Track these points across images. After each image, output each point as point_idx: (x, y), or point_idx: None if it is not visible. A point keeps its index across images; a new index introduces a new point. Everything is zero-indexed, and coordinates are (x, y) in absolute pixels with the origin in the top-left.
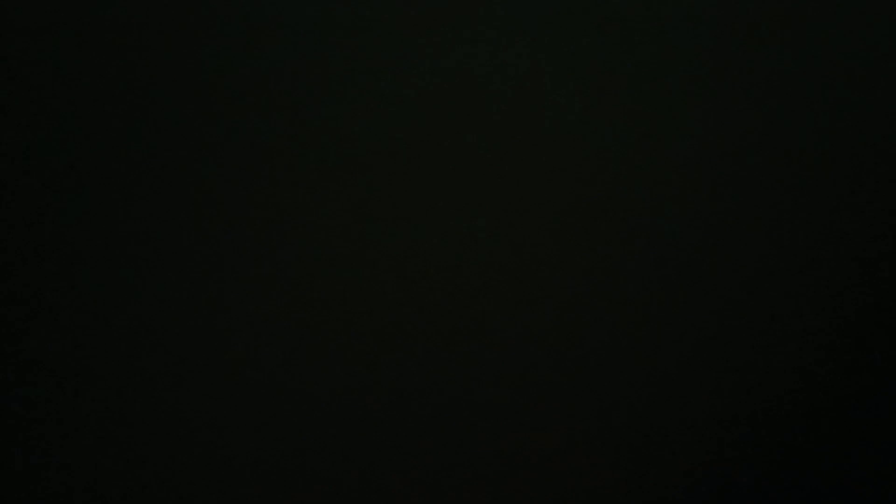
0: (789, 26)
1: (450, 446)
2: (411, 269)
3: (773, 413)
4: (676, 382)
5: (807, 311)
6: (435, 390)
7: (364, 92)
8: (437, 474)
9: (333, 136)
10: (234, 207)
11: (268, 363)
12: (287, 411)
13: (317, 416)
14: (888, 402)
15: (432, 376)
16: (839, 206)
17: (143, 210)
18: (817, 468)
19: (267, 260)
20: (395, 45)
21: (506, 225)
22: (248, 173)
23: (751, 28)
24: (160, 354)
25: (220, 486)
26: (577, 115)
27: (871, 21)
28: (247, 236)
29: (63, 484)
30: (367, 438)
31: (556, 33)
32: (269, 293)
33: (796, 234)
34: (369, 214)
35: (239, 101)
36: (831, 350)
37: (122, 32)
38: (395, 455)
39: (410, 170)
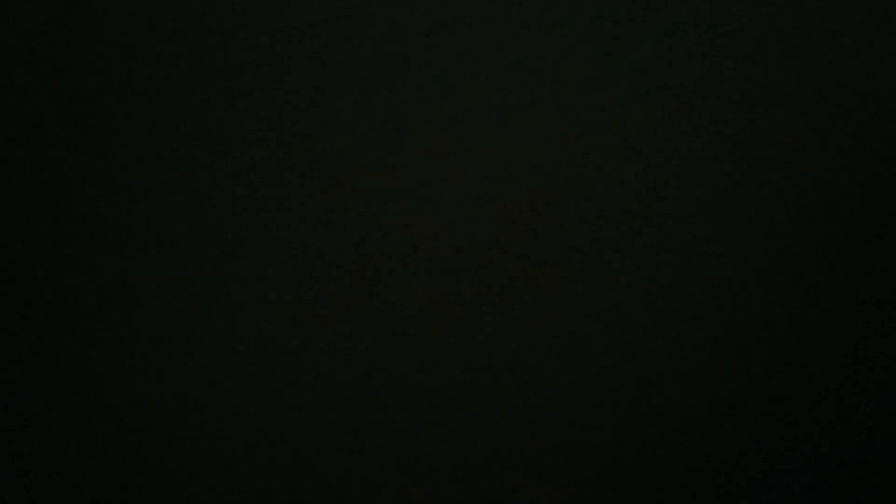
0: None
1: (449, 446)
2: (411, 268)
3: (773, 413)
4: (677, 383)
5: (806, 310)
6: (435, 390)
7: (364, 92)
8: (437, 474)
9: (334, 136)
10: (233, 207)
11: (267, 363)
12: (287, 411)
13: (316, 416)
14: (888, 401)
15: (432, 376)
16: (839, 206)
17: (140, 210)
18: (817, 468)
19: (266, 259)
20: (395, 45)
21: (505, 224)
22: (246, 173)
23: (751, 28)
24: (159, 352)
25: (220, 485)
26: (577, 114)
27: (872, 21)
28: (246, 236)
29: (62, 484)
30: (366, 438)
31: (555, 33)
32: (267, 293)
33: (797, 234)
34: (369, 214)
35: (238, 102)
36: (831, 350)
37: (122, 32)
38: (394, 455)
39: (410, 169)
